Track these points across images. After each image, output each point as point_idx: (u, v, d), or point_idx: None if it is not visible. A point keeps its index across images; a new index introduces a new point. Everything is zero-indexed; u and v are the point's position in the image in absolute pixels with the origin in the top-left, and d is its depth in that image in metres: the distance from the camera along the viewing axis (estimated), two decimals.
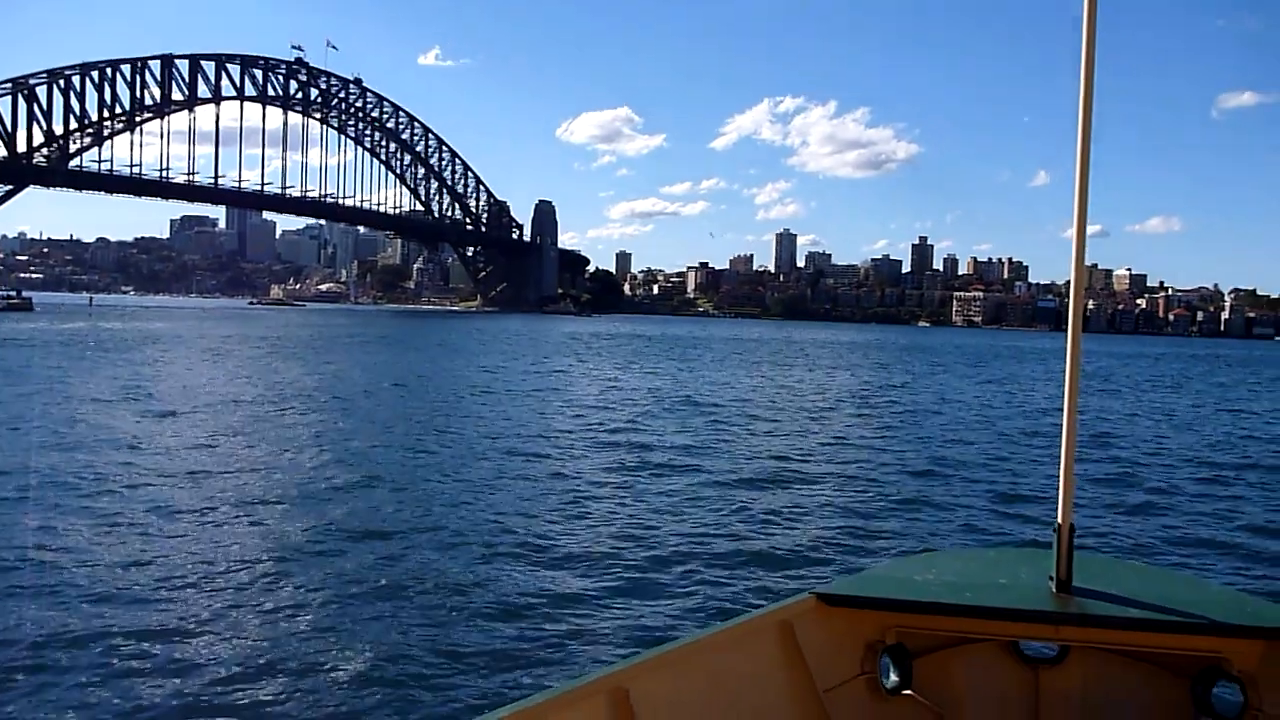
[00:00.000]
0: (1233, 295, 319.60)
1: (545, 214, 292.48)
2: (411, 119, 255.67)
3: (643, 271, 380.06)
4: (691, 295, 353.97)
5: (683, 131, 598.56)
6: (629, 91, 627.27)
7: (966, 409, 36.42)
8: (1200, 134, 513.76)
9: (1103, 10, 3.49)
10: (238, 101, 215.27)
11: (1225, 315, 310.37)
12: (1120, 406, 39.95)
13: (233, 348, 61.18)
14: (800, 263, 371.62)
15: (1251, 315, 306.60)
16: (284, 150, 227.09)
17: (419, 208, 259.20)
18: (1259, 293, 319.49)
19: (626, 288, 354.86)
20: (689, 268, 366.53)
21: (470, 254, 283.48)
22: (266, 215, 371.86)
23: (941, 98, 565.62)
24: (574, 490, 16.90)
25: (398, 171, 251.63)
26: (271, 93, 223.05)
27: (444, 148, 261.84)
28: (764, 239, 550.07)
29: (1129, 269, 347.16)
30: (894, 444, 25.10)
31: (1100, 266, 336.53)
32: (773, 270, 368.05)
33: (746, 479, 18.58)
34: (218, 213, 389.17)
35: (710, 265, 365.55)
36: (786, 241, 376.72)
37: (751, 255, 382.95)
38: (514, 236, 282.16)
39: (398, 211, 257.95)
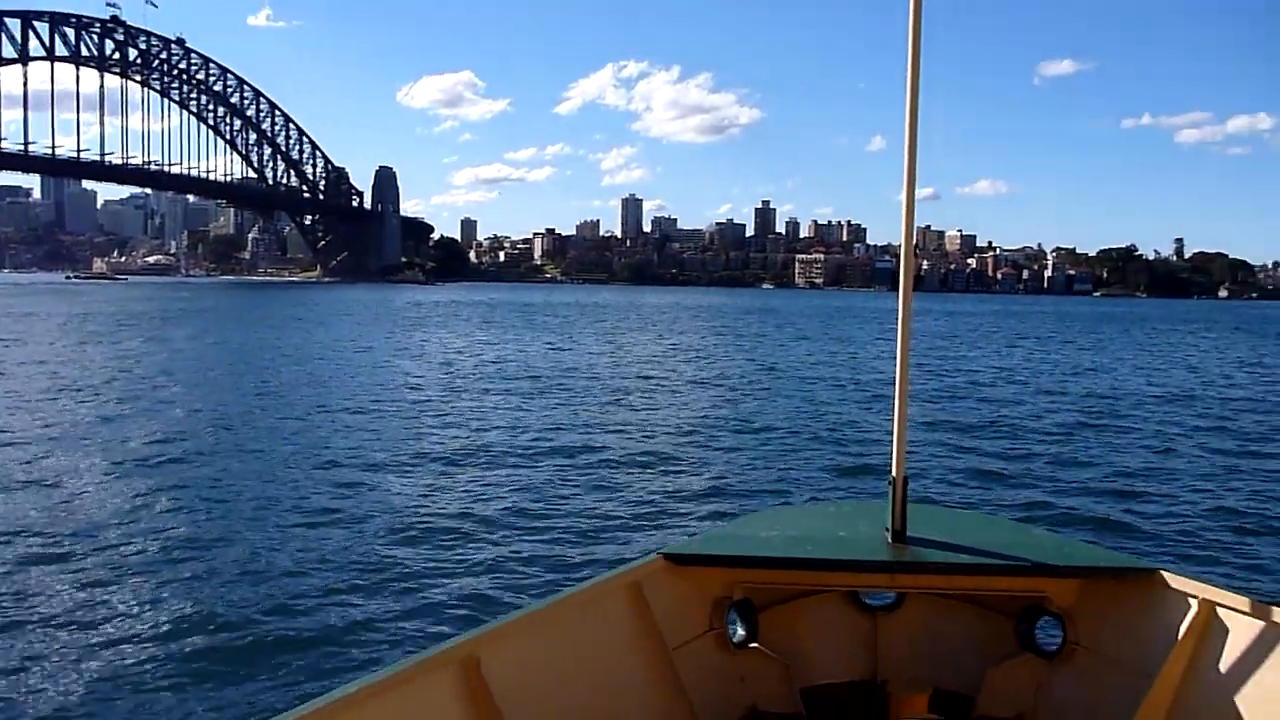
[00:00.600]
0: (1055, 254, 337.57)
1: (386, 180, 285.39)
2: (241, 82, 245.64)
3: (489, 238, 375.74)
4: (539, 262, 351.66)
5: (527, 96, 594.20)
6: (471, 55, 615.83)
7: (807, 368, 36.95)
8: (1023, 100, 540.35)
9: None
10: (48, 62, 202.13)
11: (1048, 273, 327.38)
12: (953, 363, 41.26)
13: (34, 326, 57.04)
14: (646, 228, 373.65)
15: (1071, 273, 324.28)
16: (102, 114, 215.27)
17: (252, 175, 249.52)
18: (1078, 251, 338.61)
19: (473, 255, 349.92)
20: (535, 234, 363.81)
21: (308, 222, 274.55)
22: (86, 184, 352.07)
23: (781, 64, 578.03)
24: (414, 464, 16.28)
25: (228, 137, 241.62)
26: (85, 53, 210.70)
27: (277, 112, 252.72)
28: (610, 204, 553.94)
29: (959, 230, 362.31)
30: (737, 404, 25.23)
31: (933, 228, 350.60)
32: (619, 236, 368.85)
33: (590, 446, 18.29)
34: (31, 182, 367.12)
35: (557, 231, 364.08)
36: (633, 207, 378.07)
37: (598, 221, 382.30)
38: (354, 204, 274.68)
39: (229, 179, 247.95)
